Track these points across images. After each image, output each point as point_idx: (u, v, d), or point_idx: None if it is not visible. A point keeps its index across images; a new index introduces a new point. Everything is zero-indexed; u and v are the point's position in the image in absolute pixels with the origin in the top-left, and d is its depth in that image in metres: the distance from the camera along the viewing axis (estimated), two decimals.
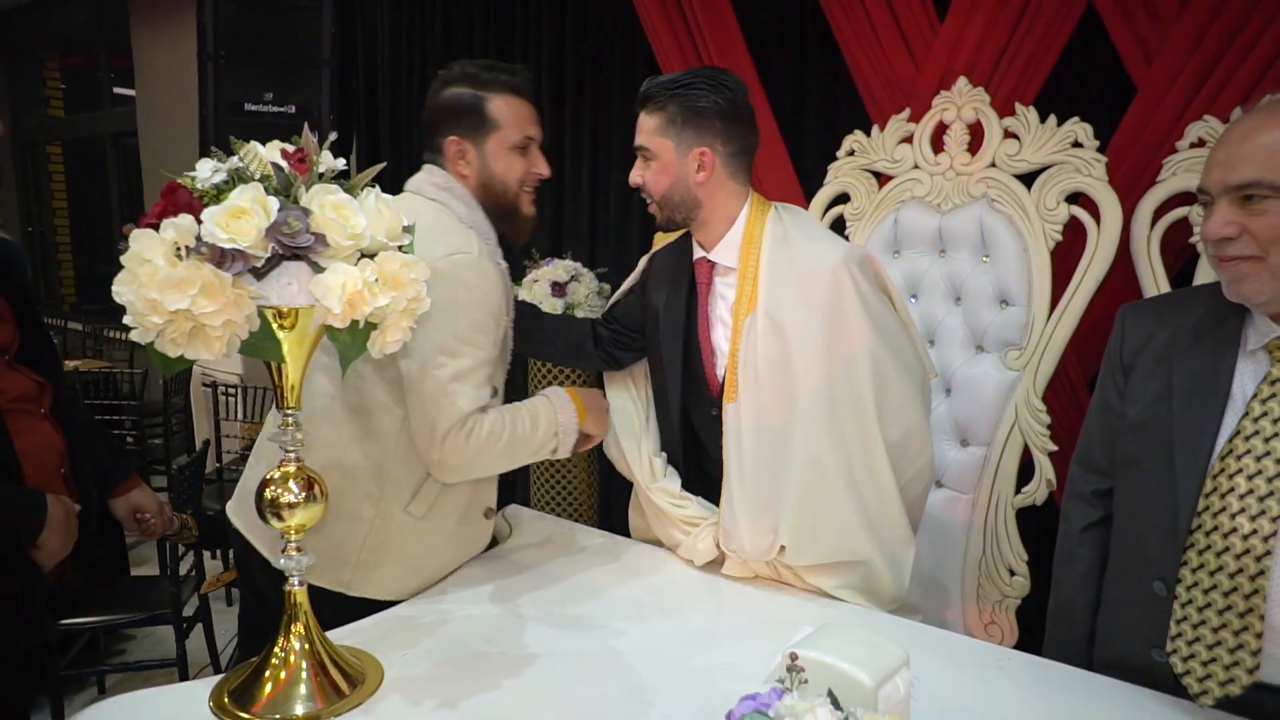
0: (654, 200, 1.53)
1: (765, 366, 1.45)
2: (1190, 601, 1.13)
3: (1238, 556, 1.09)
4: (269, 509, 1.07)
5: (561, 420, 1.53)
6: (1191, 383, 1.18)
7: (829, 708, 0.79)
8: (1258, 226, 1.06)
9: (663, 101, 1.47)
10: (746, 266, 1.49)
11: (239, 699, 1.08)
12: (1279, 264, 1.06)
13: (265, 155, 1.01)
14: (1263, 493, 1.08)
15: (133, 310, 0.96)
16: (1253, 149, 1.06)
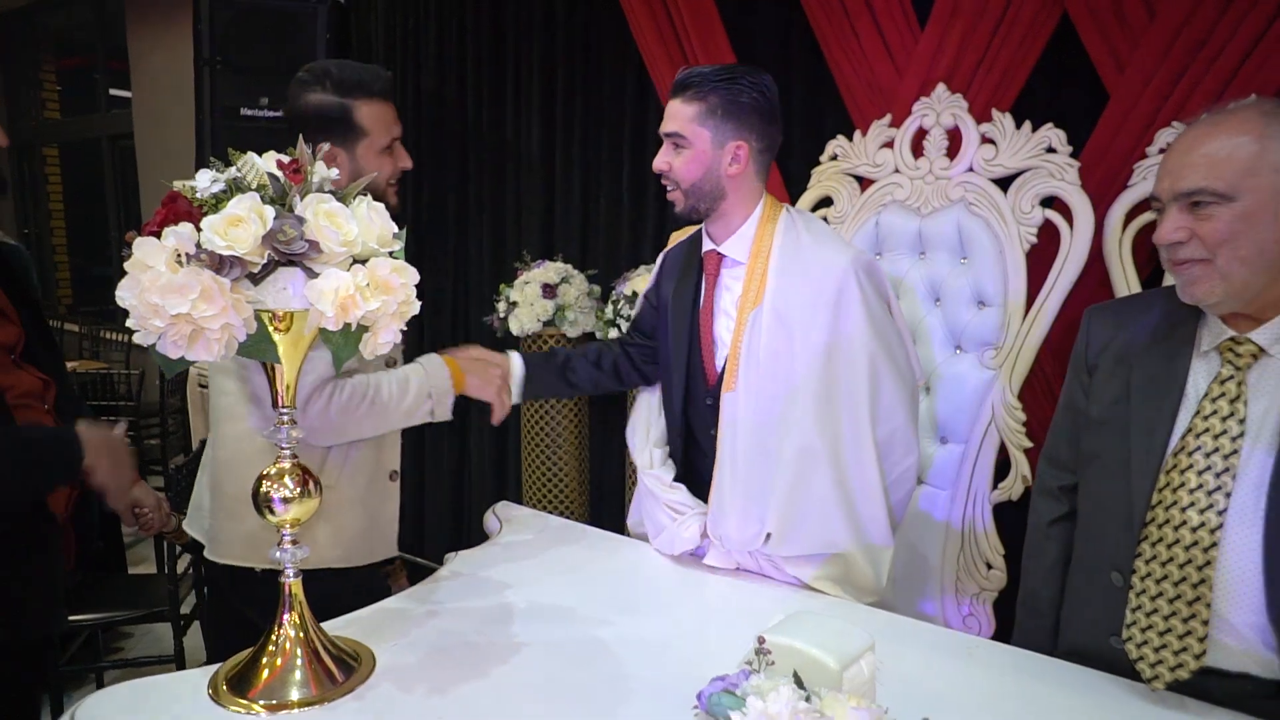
0: (680, 188, 1.56)
1: (767, 359, 1.50)
2: (1144, 591, 1.19)
3: (1187, 548, 1.15)
4: (264, 504, 1.12)
5: (434, 384, 1.60)
6: (1149, 382, 1.24)
7: (792, 686, 0.84)
8: (1205, 231, 1.12)
9: (704, 91, 1.50)
10: (756, 262, 1.54)
11: (236, 686, 1.13)
12: (1226, 266, 1.12)
13: (261, 166, 1.06)
14: (1210, 487, 1.14)
15: (135, 314, 1.01)
16: (1198, 159, 1.12)
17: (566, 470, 2.85)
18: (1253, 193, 1.09)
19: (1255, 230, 1.10)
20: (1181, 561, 1.15)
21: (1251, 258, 1.11)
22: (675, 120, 1.53)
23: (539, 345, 2.78)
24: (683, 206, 1.58)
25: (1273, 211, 1.10)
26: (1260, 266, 1.12)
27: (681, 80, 1.52)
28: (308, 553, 1.16)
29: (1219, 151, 1.11)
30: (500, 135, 3.20)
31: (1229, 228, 1.10)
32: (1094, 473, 1.30)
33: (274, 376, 1.12)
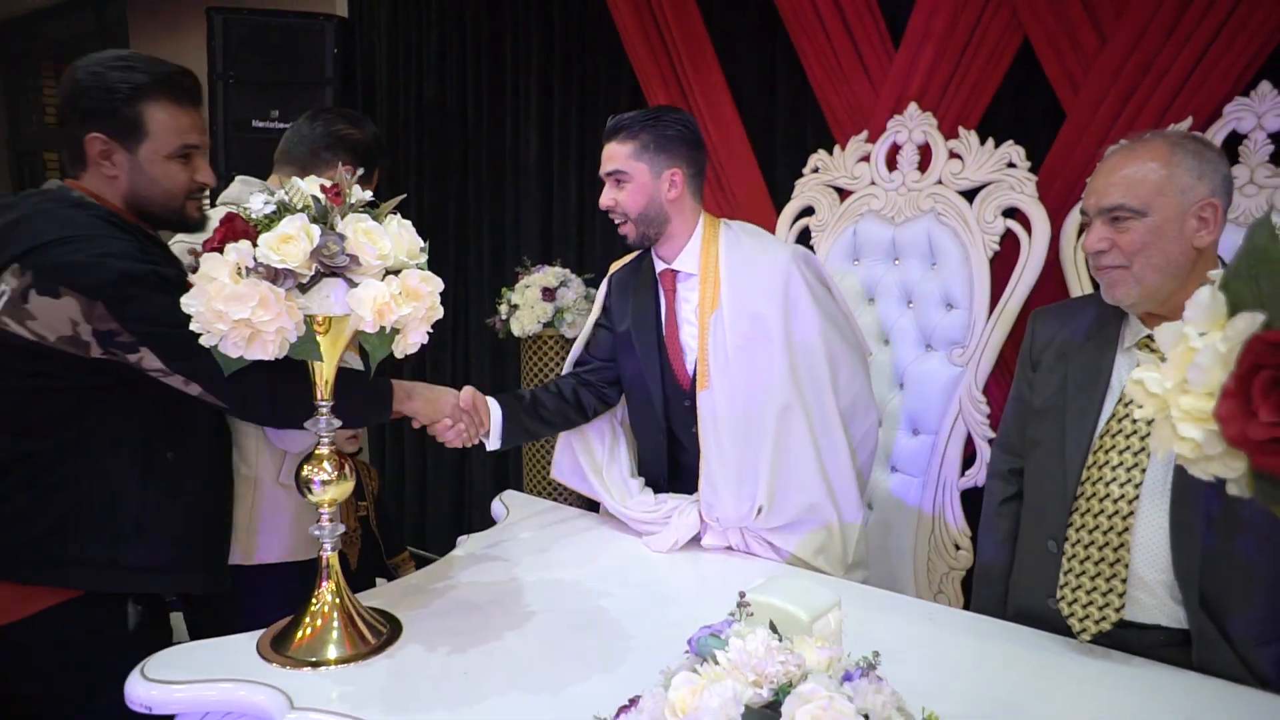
0: (629, 219, 1.73)
1: (734, 355, 1.68)
2: (1074, 555, 1.36)
3: (1109, 517, 1.32)
4: (304, 485, 1.28)
5: None
6: (1082, 376, 1.41)
7: (767, 630, 0.99)
8: (1123, 241, 1.30)
9: (635, 131, 1.69)
10: (707, 271, 1.72)
11: (279, 646, 1.28)
12: (1140, 271, 1.30)
13: (305, 189, 1.21)
14: (1129, 464, 1.31)
15: (200, 319, 1.16)
16: (1118, 179, 1.31)
17: None
18: (1161, 210, 1.28)
19: (1164, 241, 1.28)
20: (1105, 529, 1.32)
21: (1161, 265, 1.29)
22: (614, 160, 1.71)
23: (539, 346, 2.93)
24: (634, 236, 1.74)
25: (1178, 226, 1.28)
26: (1169, 272, 1.30)
27: (613, 126, 1.71)
28: (344, 529, 1.32)
29: (1134, 175, 1.29)
30: (499, 144, 3.35)
31: (1142, 239, 1.29)
32: (1036, 457, 1.47)
33: (314, 372, 1.28)
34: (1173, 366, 0.61)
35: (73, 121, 1.38)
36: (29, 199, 1.38)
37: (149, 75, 1.39)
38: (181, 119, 1.44)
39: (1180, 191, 1.27)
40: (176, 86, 1.43)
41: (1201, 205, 1.28)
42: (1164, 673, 1.26)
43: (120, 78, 1.37)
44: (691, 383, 1.75)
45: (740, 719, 0.87)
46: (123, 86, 1.37)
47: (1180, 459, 0.62)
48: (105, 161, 1.40)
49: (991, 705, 1.18)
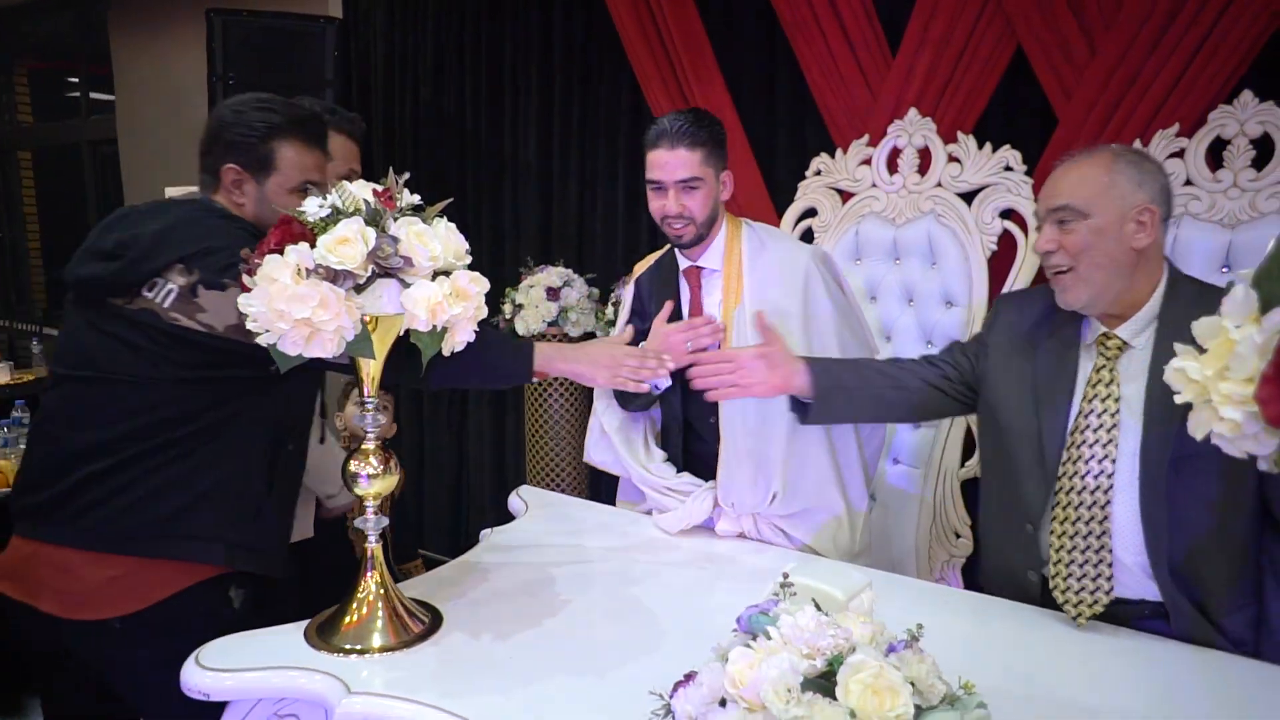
0: (694, 223, 1.77)
1: None
2: (1062, 546, 1.46)
3: (1089, 507, 1.43)
4: (352, 480, 1.33)
5: None
6: (1048, 370, 1.52)
7: (814, 608, 1.06)
8: (1068, 242, 1.41)
9: (702, 137, 1.75)
10: (730, 268, 1.81)
11: (325, 635, 1.33)
12: (1086, 272, 1.40)
13: (357, 193, 1.26)
14: (1100, 456, 1.43)
15: (261, 318, 1.20)
16: (1064, 184, 1.43)
17: (565, 456, 3.06)
18: (1103, 212, 1.39)
19: (1105, 242, 1.39)
20: (1087, 519, 1.43)
21: (1104, 264, 1.40)
22: (688, 168, 1.74)
23: None
24: (691, 237, 1.80)
25: (1118, 228, 1.39)
26: (1113, 272, 1.41)
27: (676, 132, 1.74)
28: (386, 522, 1.37)
29: (1079, 179, 1.42)
30: (499, 146, 3.40)
31: (1085, 239, 1.39)
32: (1009, 442, 1.56)
33: (361, 370, 1.32)
34: (1212, 356, 0.68)
35: (215, 152, 1.52)
36: (177, 207, 1.51)
37: (284, 117, 1.53)
38: (306, 158, 1.57)
39: (1120, 196, 1.39)
40: (306, 129, 1.56)
41: (1140, 210, 1.39)
42: (1146, 642, 1.38)
43: (259, 118, 1.51)
44: None
45: (800, 687, 0.94)
46: (260, 125, 1.50)
47: (1217, 437, 0.70)
48: (236, 189, 1.54)
49: (1001, 677, 1.26)
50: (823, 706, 0.92)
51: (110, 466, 1.38)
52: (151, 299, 1.39)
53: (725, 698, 0.99)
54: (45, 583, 1.39)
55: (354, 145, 1.94)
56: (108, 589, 1.38)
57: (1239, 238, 1.91)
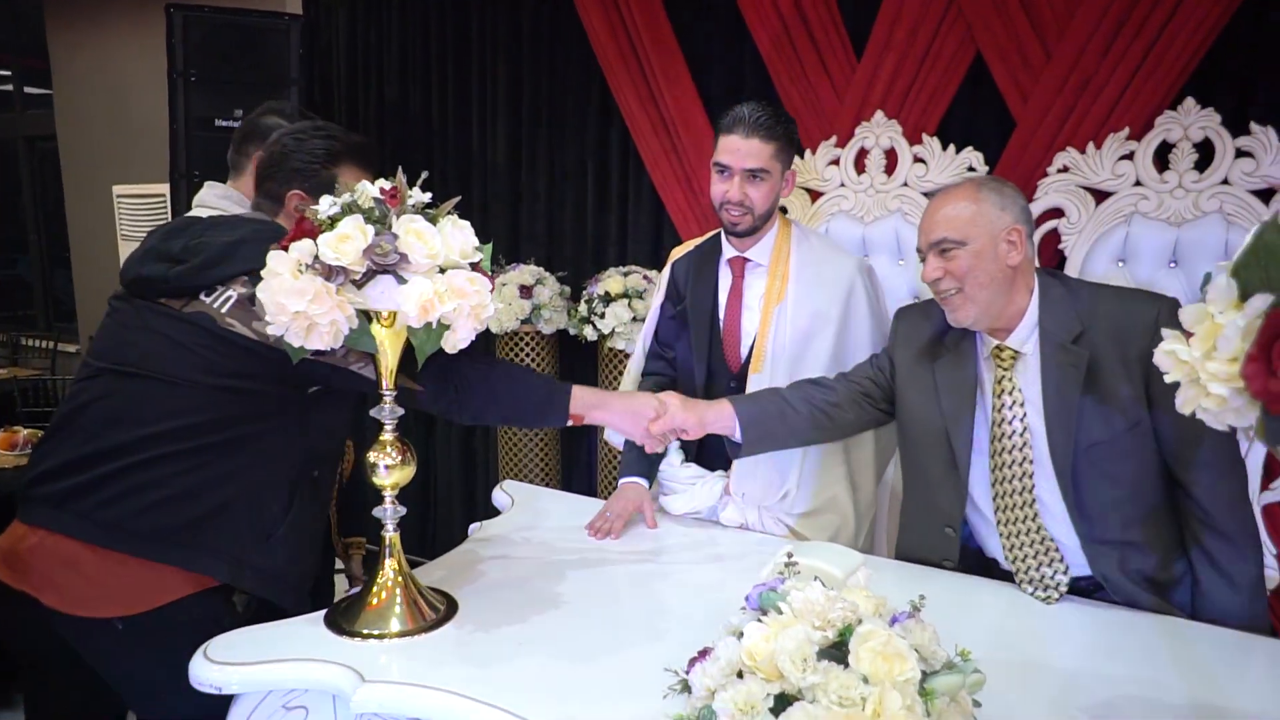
0: (752, 213, 1.81)
1: (791, 347, 1.83)
2: (1013, 547, 1.58)
3: (1023, 507, 1.57)
4: (372, 470, 1.35)
5: None
6: (950, 383, 1.64)
7: (819, 584, 1.13)
8: (952, 268, 1.54)
9: (778, 131, 1.78)
10: (777, 265, 1.86)
11: (344, 620, 1.35)
12: (972, 291, 1.53)
13: (370, 192, 1.29)
14: (1020, 460, 1.56)
15: (269, 310, 1.23)
16: (939, 219, 1.55)
17: (536, 451, 3.10)
18: (977, 238, 1.52)
19: (984, 263, 1.52)
20: (1024, 518, 1.57)
21: (986, 283, 1.53)
22: (758, 158, 1.77)
23: (516, 342, 3.01)
24: (747, 227, 1.83)
25: (992, 249, 1.52)
26: (994, 289, 1.54)
27: (753, 121, 1.77)
28: (404, 511, 1.40)
29: (951, 213, 1.54)
30: (466, 145, 3.41)
31: (967, 263, 1.52)
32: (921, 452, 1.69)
33: (377, 363, 1.35)
34: (1199, 339, 0.76)
35: (278, 179, 1.57)
36: (247, 224, 1.54)
37: (344, 144, 1.60)
38: (365, 180, 1.62)
39: (990, 222, 1.52)
40: (364, 154, 1.63)
41: (1008, 231, 1.53)
42: (1087, 606, 1.52)
43: (321, 145, 1.57)
44: (742, 365, 1.89)
45: (816, 655, 1.00)
46: (320, 152, 1.57)
47: (1202, 411, 0.78)
48: (299, 214, 1.53)
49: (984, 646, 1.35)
50: (838, 673, 0.98)
51: (134, 464, 1.38)
52: (209, 304, 1.42)
53: (742, 669, 1.05)
54: (49, 576, 1.38)
55: None
56: (114, 588, 1.37)
57: (1184, 235, 2.04)
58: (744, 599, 1.18)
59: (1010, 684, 1.23)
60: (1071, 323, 1.53)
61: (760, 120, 1.77)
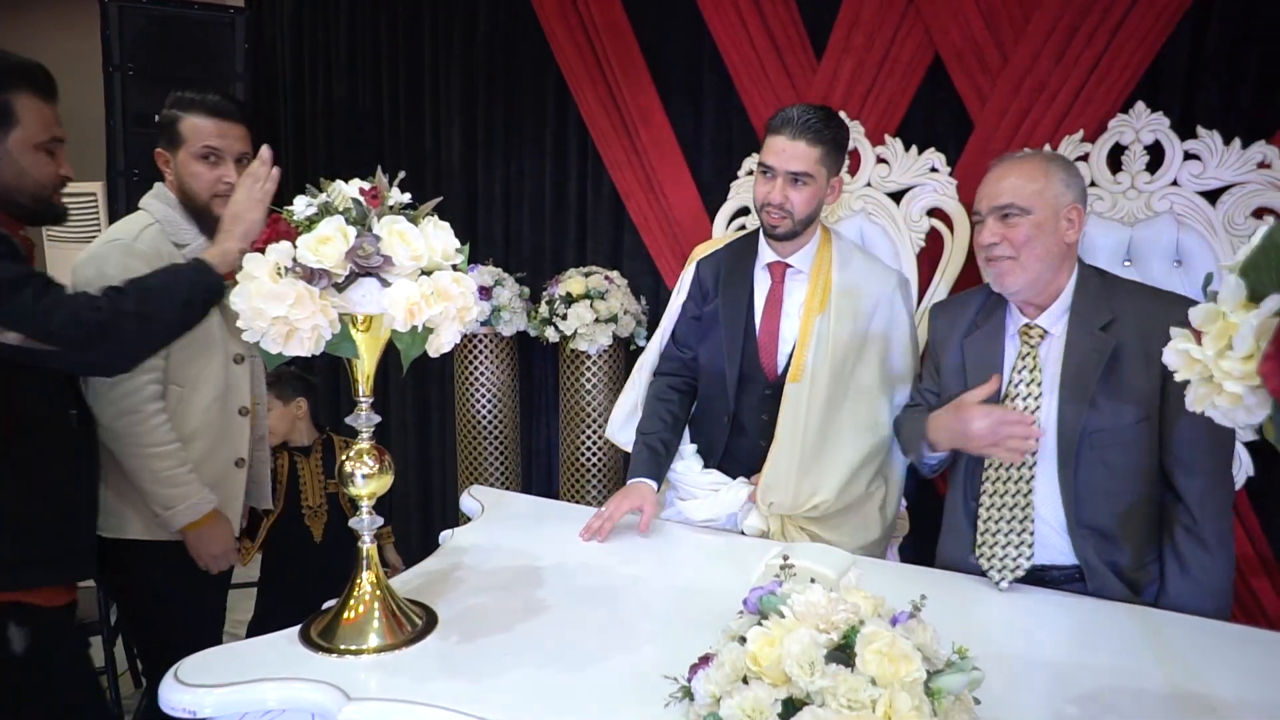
0: (794, 218, 1.77)
1: (832, 357, 1.80)
2: (989, 518, 1.61)
3: (1015, 483, 1.59)
4: (348, 479, 1.31)
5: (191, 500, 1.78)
6: (978, 361, 1.68)
7: (818, 586, 1.12)
8: (1012, 235, 1.57)
9: (825, 135, 1.74)
10: (819, 274, 1.83)
11: (322, 636, 1.30)
12: (1026, 260, 1.57)
13: (348, 192, 1.24)
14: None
15: (244, 316, 1.18)
16: (1006, 185, 1.58)
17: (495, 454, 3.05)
18: (1041, 210, 1.56)
19: (1044, 235, 1.56)
20: (1013, 493, 1.60)
21: (1042, 255, 1.57)
22: (802, 161, 1.73)
23: (474, 344, 2.96)
24: (786, 230, 1.79)
25: (1053, 224, 1.57)
26: (1048, 263, 1.58)
27: (801, 123, 1.73)
28: (382, 522, 1.35)
29: (1019, 181, 1.58)
30: (419, 145, 3.33)
31: (1027, 233, 1.56)
32: None
33: (353, 369, 1.30)
34: (1211, 338, 0.78)
35: None
36: None
37: (11, 63, 1.44)
38: (46, 111, 1.50)
39: (1055, 196, 1.57)
40: (39, 79, 1.48)
41: (1069, 209, 1.58)
42: (1063, 598, 1.55)
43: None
44: (779, 373, 1.85)
45: (824, 658, 0.99)
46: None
47: (1211, 409, 0.80)
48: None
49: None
50: (846, 676, 0.98)
51: None
52: None
53: (747, 675, 1.04)
54: None
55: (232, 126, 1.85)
56: None
57: (1137, 234, 2.11)
58: (741, 602, 1.17)
59: (1000, 679, 1.25)
60: (1103, 310, 1.57)
61: (809, 123, 1.72)
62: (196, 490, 1.78)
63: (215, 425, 1.86)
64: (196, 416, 1.83)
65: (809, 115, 1.74)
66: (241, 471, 1.93)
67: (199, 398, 1.83)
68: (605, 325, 2.74)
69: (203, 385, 1.83)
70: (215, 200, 1.78)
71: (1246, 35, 2.11)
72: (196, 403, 1.83)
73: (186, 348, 1.77)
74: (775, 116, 1.77)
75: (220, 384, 1.86)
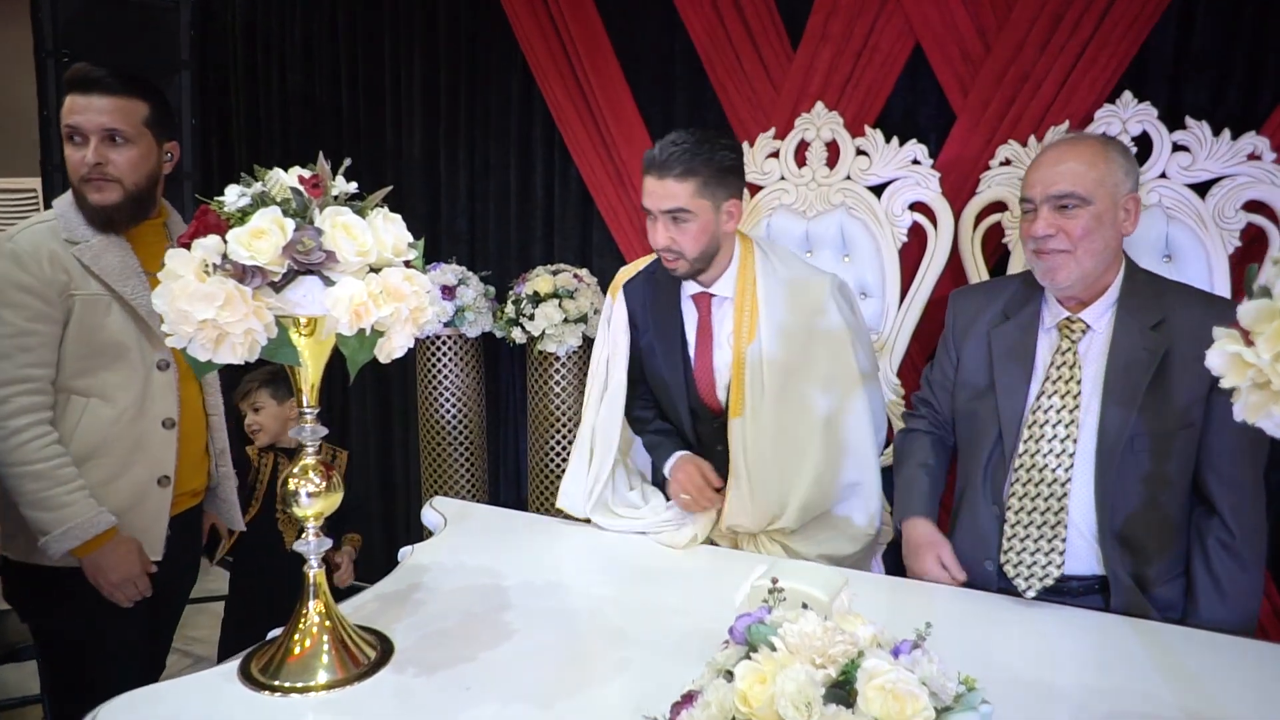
0: (687, 258, 1.64)
1: (770, 386, 1.68)
2: (1018, 522, 1.50)
3: (1049, 485, 1.48)
4: (291, 498, 1.18)
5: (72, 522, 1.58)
6: (1007, 353, 1.55)
7: (812, 614, 1.02)
8: (1070, 227, 1.43)
9: (694, 166, 1.58)
10: (743, 298, 1.70)
11: (264, 672, 1.17)
12: (1082, 256, 1.44)
13: (285, 180, 1.11)
14: (1062, 436, 1.48)
15: (167, 319, 1.05)
16: (1065, 171, 1.44)
17: (462, 462, 2.92)
18: (1101, 199, 1.43)
19: (1103, 228, 1.43)
20: (1045, 496, 1.49)
21: (1100, 249, 1.45)
22: (675, 199, 1.59)
23: (438, 347, 2.83)
24: (686, 270, 1.67)
25: (1113, 215, 1.44)
26: (1103, 258, 1.46)
27: (662, 160, 1.59)
28: (330, 544, 1.22)
29: (1078, 167, 1.44)
30: (380, 137, 3.19)
31: (1086, 225, 1.43)
32: (973, 428, 1.60)
33: (296, 377, 1.18)
34: (1268, 339, 0.68)
35: None
36: None
37: None
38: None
39: (1115, 185, 1.44)
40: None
41: (1128, 198, 1.45)
42: (1082, 616, 1.44)
43: None
44: (722, 408, 1.75)
45: (821, 697, 0.89)
46: None
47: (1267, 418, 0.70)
48: None
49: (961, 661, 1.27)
50: (847, 717, 0.87)
51: None
52: None
53: (736, 716, 0.93)
54: None
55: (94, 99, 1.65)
56: None
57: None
58: (727, 631, 1.07)
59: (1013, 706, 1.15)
60: (1154, 308, 1.45)
61: (674, 157, 1.58)
62: (82, 512, 1.58)
63: (128, 439, 1.68)
64: (103, 430, 1.65)
65: (672, 149, 1.59)
66: (166, 490, 1.73)
67: (108, 409, 1.66)
68: (574, 325, 2.63)
69: (114, 395, 1.66)
70: (85, 186, 1.63)
71: (1234, 24, 2.04)
72: (105, 414, 1.65)
73: (89, 354, 1.62)
74: (645, 154, 1.64)
75: (137, 394, 1.68)
